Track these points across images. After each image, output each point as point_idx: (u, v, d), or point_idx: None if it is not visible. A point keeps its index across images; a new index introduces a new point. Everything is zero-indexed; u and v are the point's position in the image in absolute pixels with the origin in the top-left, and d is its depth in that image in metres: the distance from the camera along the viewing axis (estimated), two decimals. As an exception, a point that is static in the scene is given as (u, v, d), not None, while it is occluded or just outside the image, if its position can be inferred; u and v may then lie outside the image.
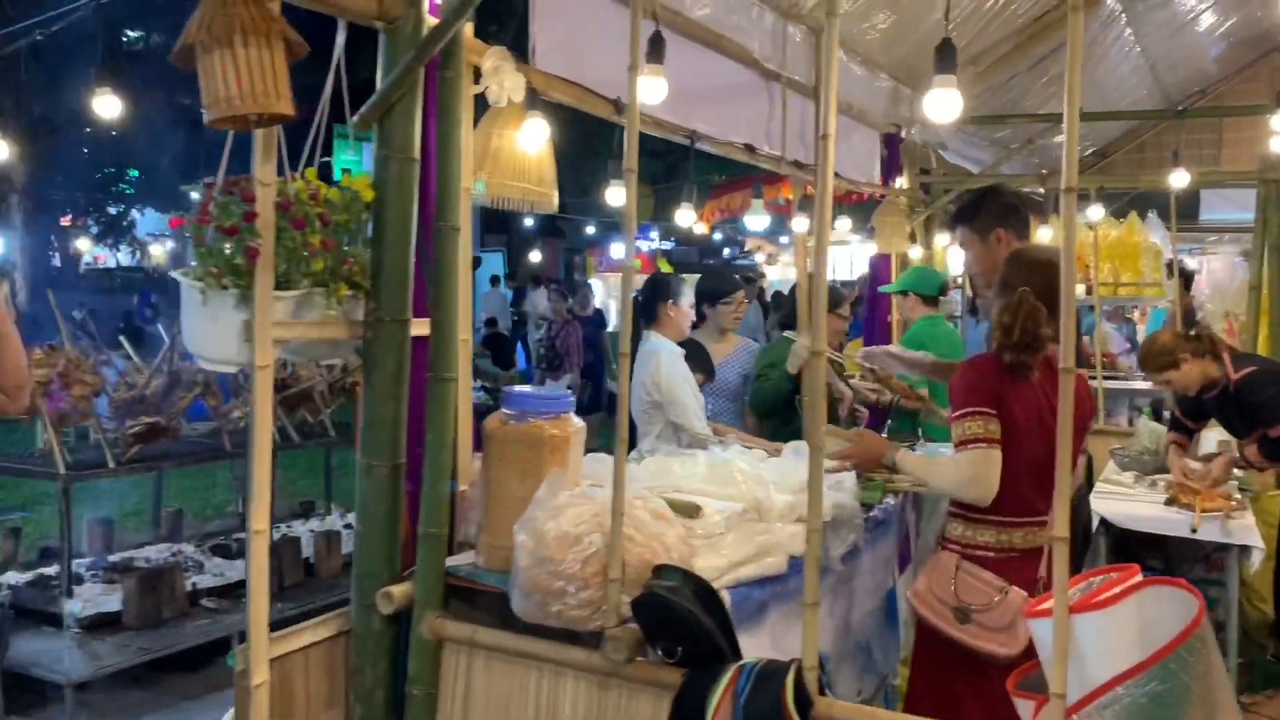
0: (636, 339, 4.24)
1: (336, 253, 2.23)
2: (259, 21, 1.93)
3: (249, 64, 1.92)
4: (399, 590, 2.33)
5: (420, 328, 2.43)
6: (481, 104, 2.68)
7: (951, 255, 6.53)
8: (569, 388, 9.88)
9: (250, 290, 2.10)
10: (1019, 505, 2.67)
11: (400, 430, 2.38)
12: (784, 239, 13.61)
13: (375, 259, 2.34)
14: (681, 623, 1.99)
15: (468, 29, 2.55)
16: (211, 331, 2.15)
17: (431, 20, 2.40)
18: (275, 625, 5.04)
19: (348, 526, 6.17)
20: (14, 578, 5.06)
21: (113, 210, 23.28)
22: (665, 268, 24.17)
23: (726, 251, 22.76)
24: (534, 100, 2.70)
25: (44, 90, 15.20)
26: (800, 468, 3.04)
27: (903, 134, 5.73)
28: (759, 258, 16.16)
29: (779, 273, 15.95)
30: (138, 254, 26.61)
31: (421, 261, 2.45)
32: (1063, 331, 1.77)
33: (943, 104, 2.85)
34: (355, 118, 2.35)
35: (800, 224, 4.66)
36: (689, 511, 2.42)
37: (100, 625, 4.60)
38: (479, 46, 2.59)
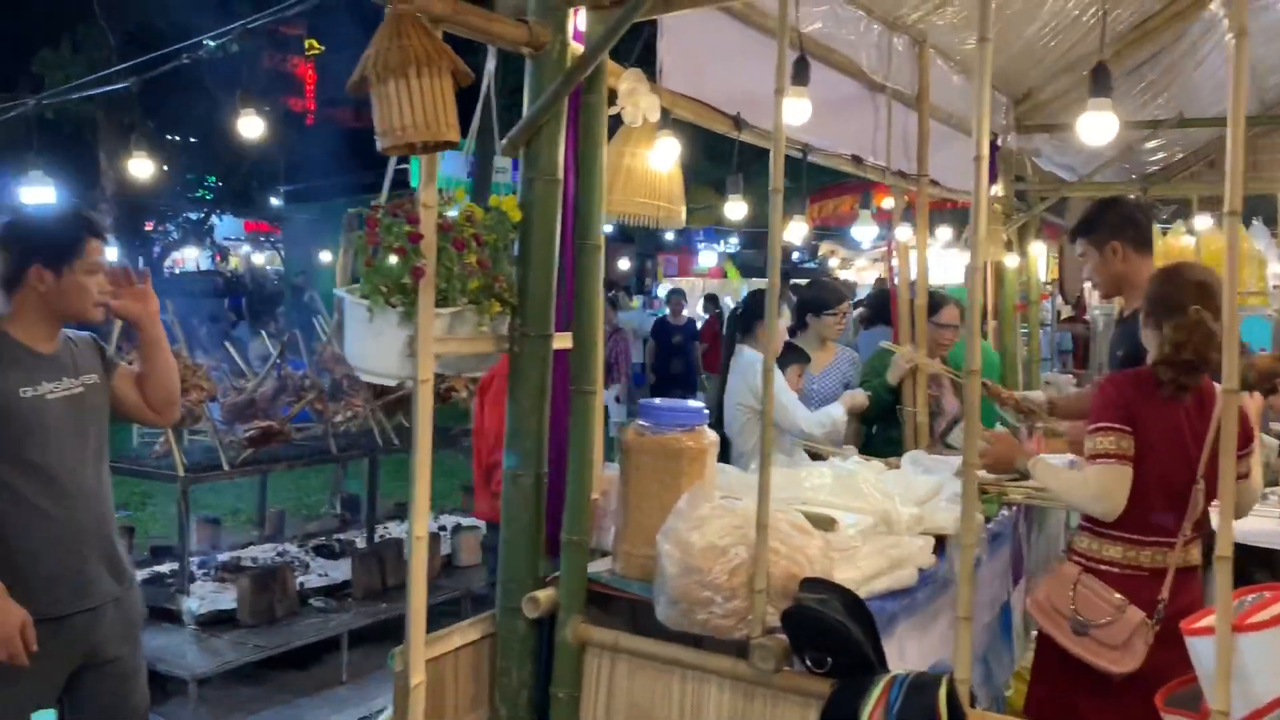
0: (729, 352, 4.31)
1: (490, 271, 2.32)
2: (432, 54, 2.03)
3: (422, 94, 2.01)
4: (544, 595, 2.41)
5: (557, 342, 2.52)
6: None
7: (1044, 263, 6.48)
8: (616, 399, 9.78)
9: (413, 308, 2.20)
10: (1149, 524, 2.68)
11: (544, 441, 2.47)
12: (866, 246, 13.53)
13: (522, 277, 2.43)
14: (833, 634, 2.04)
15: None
16: (375, 346, 2.25)
17: (575, 46, 2.48)
18: (385, 626, 5.18)
19: (441, 529, 6.32)
20: (131, 574, 5.26)
21: (193, 215, 23.92)
22: (732, 274, 24.15)
23: (795, 255, 22.68)
24: (665, 119, 2.78)
25: (139, 101, 15.67)
26: (922, 479, 3.07)
27: (999, 142, 5.71)
28: (832, 263, 16.12)
29: (853, 278, 15.88)
30: (218, 258, 27.39)
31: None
32: (1226, 352, 1.78)
33: (1098, 126, 2.88)
34: (505, 141, 2.44)
35: (903, 233, 4.67)
36: (825, 524, 2.47)
37: (216, 622, 4.77)
38: (614, 69, 2.67)
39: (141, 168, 5.76)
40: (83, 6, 17.44)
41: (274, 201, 22.83)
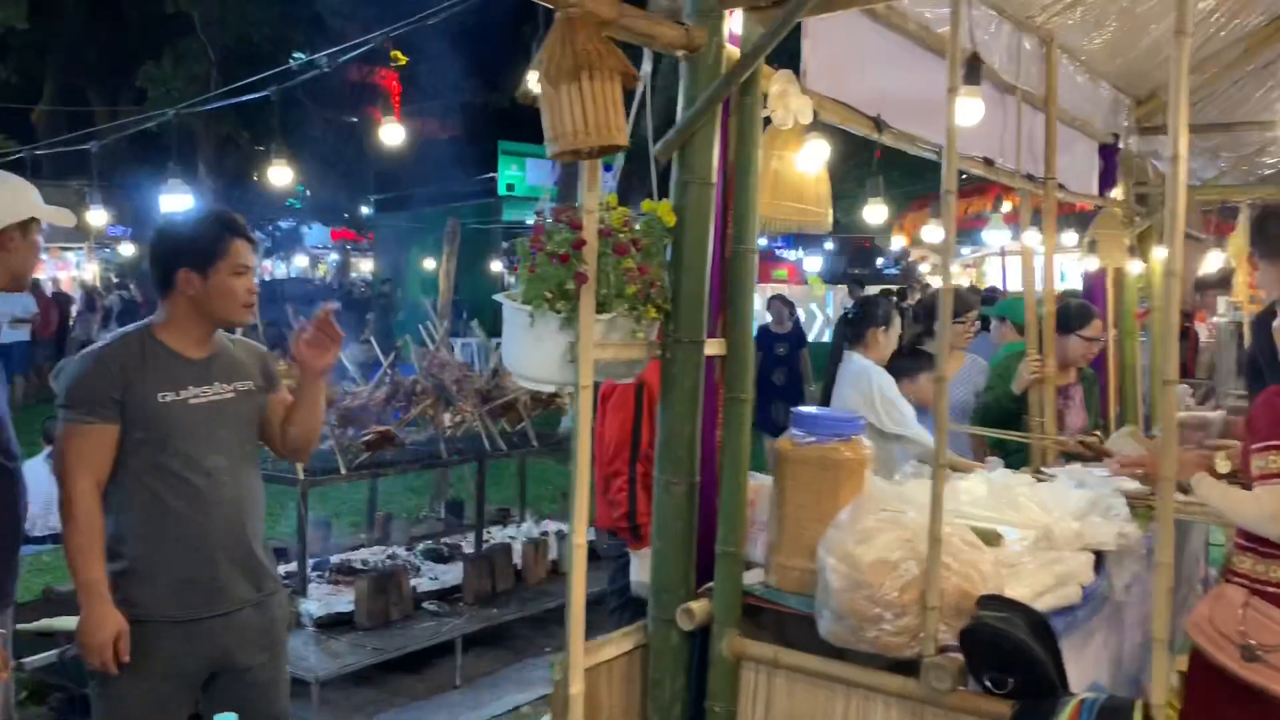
0: (835, 359, 4.24)
1: (648, 277, 2.29)
2: (605, 57, 2.01)
3: (594, 99, 1.99)
4: (699, 607, 2.37)
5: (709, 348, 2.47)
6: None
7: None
8: None
9: (575, 314, 2.18)
10: (1321, 547, 2.53)
11: (696, 448, 2.43)
12: (966, 250, 13.26)
13: (675, 282, 2.40)
14: (1016, 654, 1.96)
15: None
16: (536, 352, 2.24)
17: (729, 49, 2.45)
18: (496, 631, 5.18)
19: (544, 534, 6.33)
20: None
21: (284, 225, 24.53)
22: (814, 281, 23.91)
23: (880, 261, 22.40)
24: (814, 121, 2.72)
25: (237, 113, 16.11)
26: (1075, 493, 2.96)
27: (1120, 144, 5.53)
28: (923, 268, 15.82)
29: (939, 283, 15.52)
30: (308, 266, 28.08)
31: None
32: None
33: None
34: (659, 145, 2.41)
35: (1031, 237, 4.54)
36: (990, 539, 2.39)
37: (333, 625, 4.82)
38: (765, 71, 2.62)
39: (281, 175, 5.91)
40: (182, 22, 18.05)
41: (364, 210, 23.28)
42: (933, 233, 5.60)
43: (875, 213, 3.39)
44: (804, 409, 2.49)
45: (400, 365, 5.94)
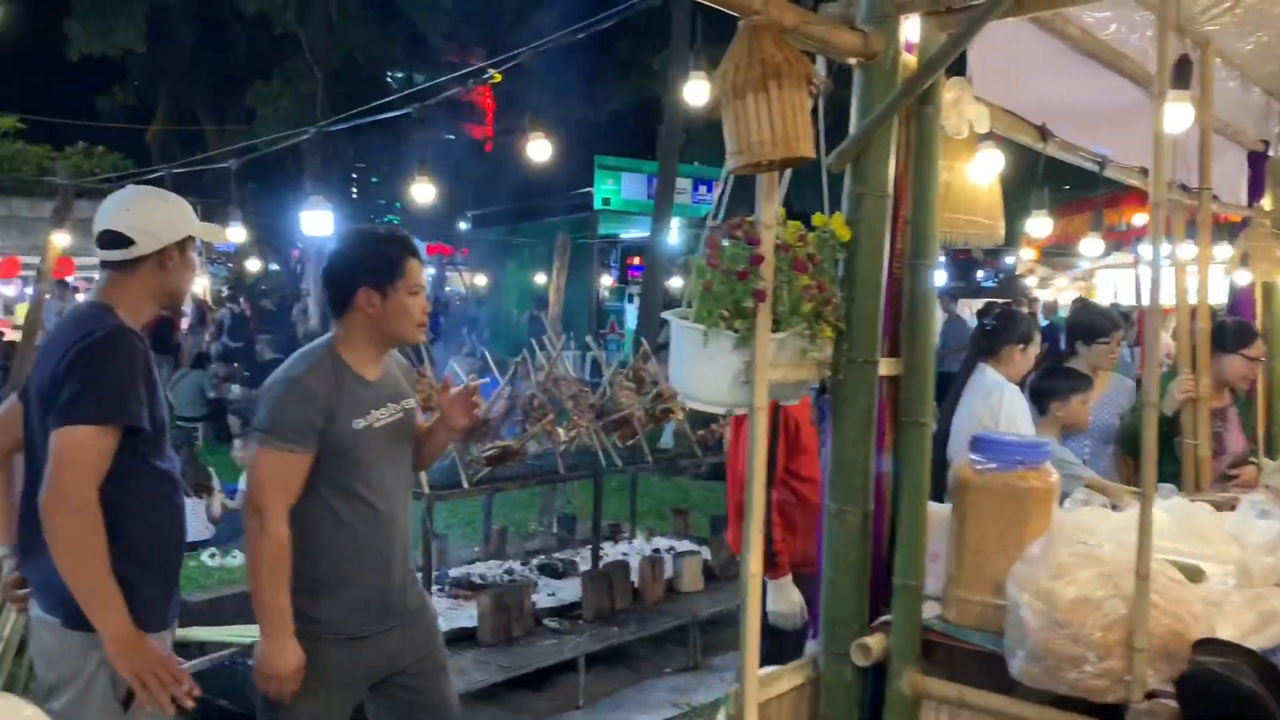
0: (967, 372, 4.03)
1: (825, 294, 2.19)
2: (793, 64, 1.92)
3: (781, 107, 1.91)
4: (876, 642, 2.26)
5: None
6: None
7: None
8: None
9: (751, 333, 2.09)
10: None
11: (870, 475, 2.32)
12: (1083, 264, 12.85)
13: (848, 298, 2.29)
14: (1244, 705, 1.81)
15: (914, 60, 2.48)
16: (707, 373, 2.15)
17: (906, 57, 2.34)
18: (617, 650, 5.10)
19: (656, 551, 6.25)
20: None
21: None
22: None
23: (980, 274, 21.83)
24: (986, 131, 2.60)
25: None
26: (1261, 524, 2.76)
27: (1270, 151, 5.24)
28: (1029, 281, 15.38)
29: (1050, 297, 15.11)
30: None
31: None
32: None
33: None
34: (833, 155, 2.32)
35: (1186, 251, 4.31)
36: (1194, 575, 2.22)
37: (455, 640, 4.80)
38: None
39: (423, 192, 6.01)
40: (290, 44, 18.56)
41: (461, 225, 23.59)
42: (1092, 245, 5.37)
43: (1040, 226, 3.24)
44: (986, 433, 2.36)
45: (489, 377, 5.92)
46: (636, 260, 21.09)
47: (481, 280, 23.69)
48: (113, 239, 2.47)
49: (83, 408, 2.24)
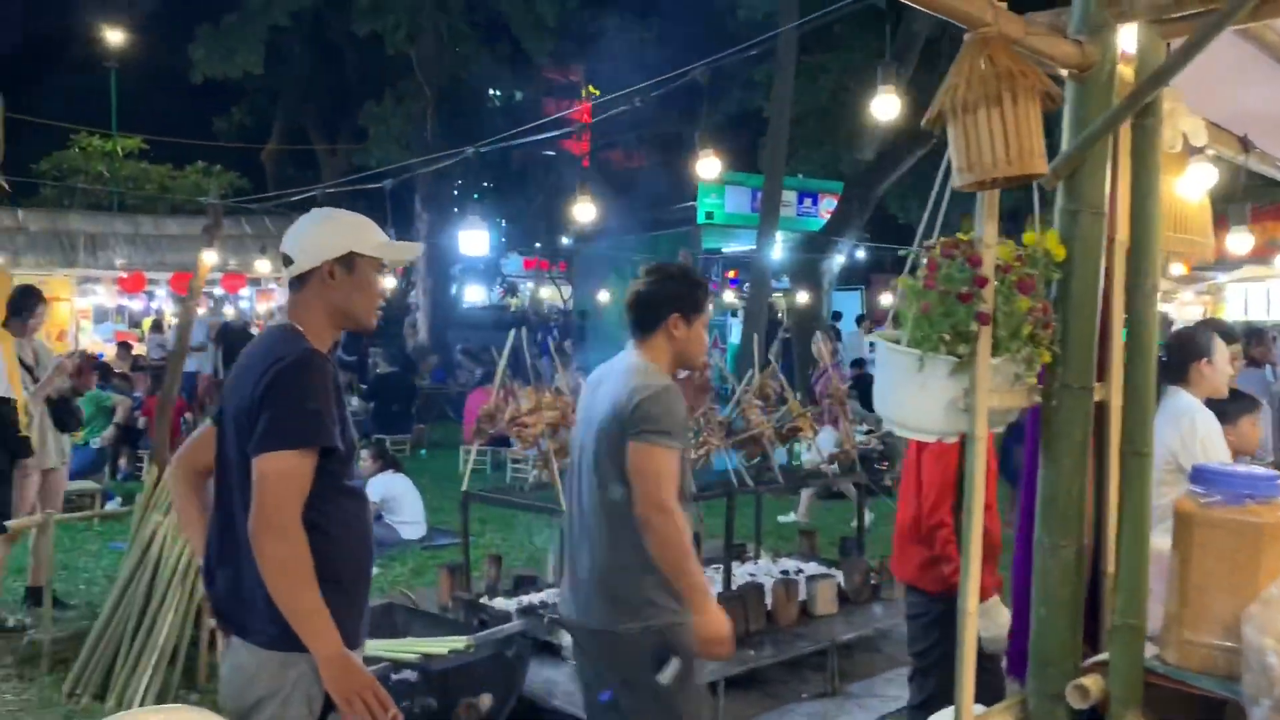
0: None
1: (1046, 317, 2.09)
2: (1028, 76, 1.83)
3: (1016, 123, 1.82)
4: (1093, 684, 2.14)
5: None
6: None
7: None
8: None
9: (971, 357, 2.00)
10: None
11: (1084, 508, 2.20)
12: (1219, 276, 12.26)
13: (1063, 321, 2.18)
14: None
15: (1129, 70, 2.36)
16: (920, 399, 2.06)
17: (1122, 69, 2.23)
18: (753, 675, 4.99)
19: (784, 572, 6.14)
20: (501, 605, 5.38)
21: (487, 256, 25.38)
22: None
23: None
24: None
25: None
26: None
27: None
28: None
29: (1172, 312, 14.46)
30: (503, 293, 28.98)
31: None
32: None
33: None
34: (1047, 171, 2.21)
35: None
36: None
37: (591, 658, 4.76)
38: (1147, 89, 2.39)
39: (585, 211, 6.14)
40: (400, 64, 18.98)
41: (563, 240, 23.81)
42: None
43: (1241, 241, 3.07)
44: (1209, 465, 2.22)
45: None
46: (732, 274, 21.00)
47: (579, 294, 23.86)
48: (283, 259, 2.50)
49: (283, 432, 2.25)
